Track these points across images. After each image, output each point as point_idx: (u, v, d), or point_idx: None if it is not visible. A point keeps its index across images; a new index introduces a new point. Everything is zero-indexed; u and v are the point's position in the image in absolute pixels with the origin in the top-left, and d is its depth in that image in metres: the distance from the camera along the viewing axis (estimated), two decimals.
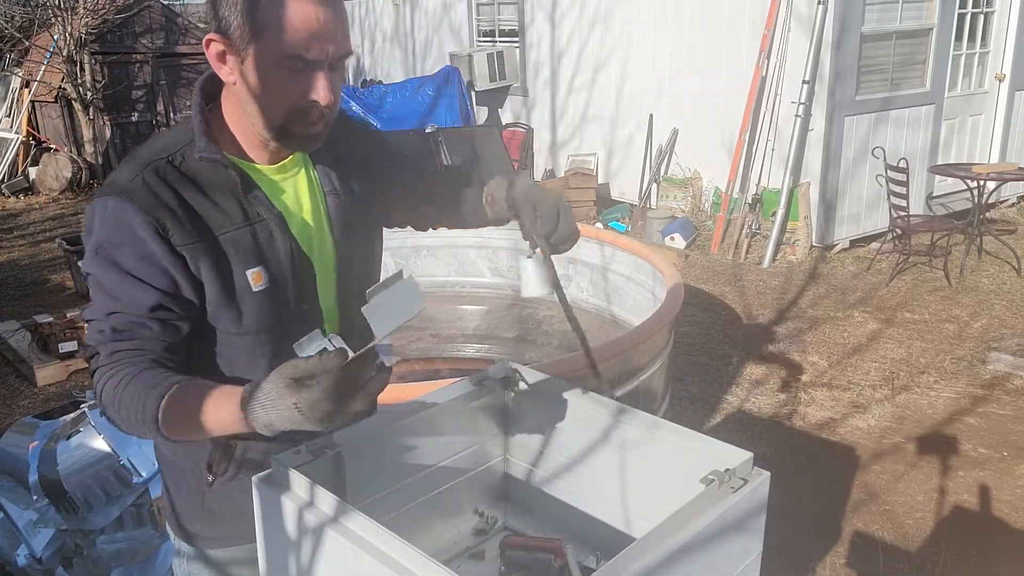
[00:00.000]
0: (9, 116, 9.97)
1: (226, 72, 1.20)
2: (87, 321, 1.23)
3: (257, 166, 1.29)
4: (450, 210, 1.47)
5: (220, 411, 1.08)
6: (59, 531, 2.59)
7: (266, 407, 1.00)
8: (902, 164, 5.69)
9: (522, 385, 1.45)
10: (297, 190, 1.33)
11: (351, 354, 1.02)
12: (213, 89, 1.28)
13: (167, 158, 1.23)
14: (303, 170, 1.34)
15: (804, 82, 6.13)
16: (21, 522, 2.61)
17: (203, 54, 1.22)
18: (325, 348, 1.05)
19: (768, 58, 6.42)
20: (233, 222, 1.23)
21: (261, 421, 1.01)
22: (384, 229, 1.52)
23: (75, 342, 4.66)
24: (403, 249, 4.38)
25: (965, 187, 6.12)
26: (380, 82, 10.26)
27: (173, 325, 1.21)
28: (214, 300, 1.23)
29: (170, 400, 1.11)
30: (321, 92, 1.17)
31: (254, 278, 1.24)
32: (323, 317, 1.34)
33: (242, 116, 1.24)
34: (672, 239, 6.73)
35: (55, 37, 9.49)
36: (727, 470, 1.11)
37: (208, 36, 1.18)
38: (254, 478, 1.15)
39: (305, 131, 1.22)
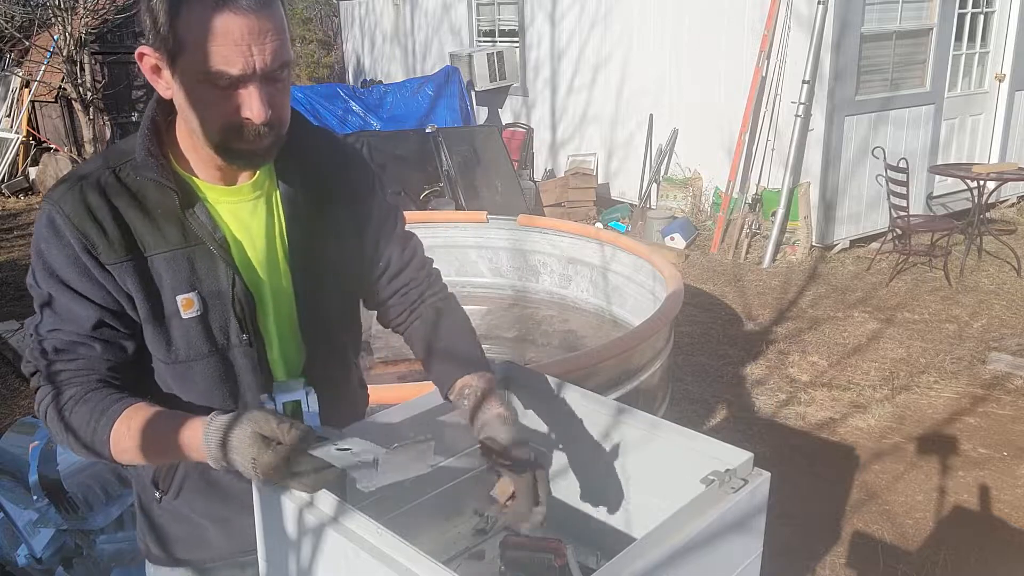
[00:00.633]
0: (9, 116, 9.97)
1: (163, 87, 1.14)
2: (29, 335, 1.19)
3: (205, 186, 1.22)
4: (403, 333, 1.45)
5: (173, 441, 1.09)
6: (59, 531, 2.59)
7: (227, 448, 1.03)
8: (902, 164, 5.69)
9: (522, 385, 1.45)
10: (251, 214, 1.24)
11: (316, 432, 1.06)
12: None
13: (114, 168, 1.17)
14: (263, 194, 1.26)
15: (804, 82, 6.13)
16: (21, 522, 2.61)
17: None
18: (299, 401, 1.10)
19: (768, 58, 6.42)
20: (169, 243, 1.17)
21: (215, 458, 1.05)
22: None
23: None
24: None
25: (965, 187, 6.11)
26: (380, 82, 10.26)
27: (117, 344, 1.17)
28: (143, 324, 1.19)
29: (121, 424, 1.11)
30: (254, 109, 1.09)
31: (184, 304, 1.18)
32: (266, 347, 1.27)
33: (193, 136, 1.17)
34: (672, 239, 6.73)
35: (55, 37, 9.49)
36: (727, 470, 1.11)
37: (140, 49, 1.12)
38: None
39: (248, 148, 1.13)
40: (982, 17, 7.07)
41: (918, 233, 5.94)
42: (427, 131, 7.13)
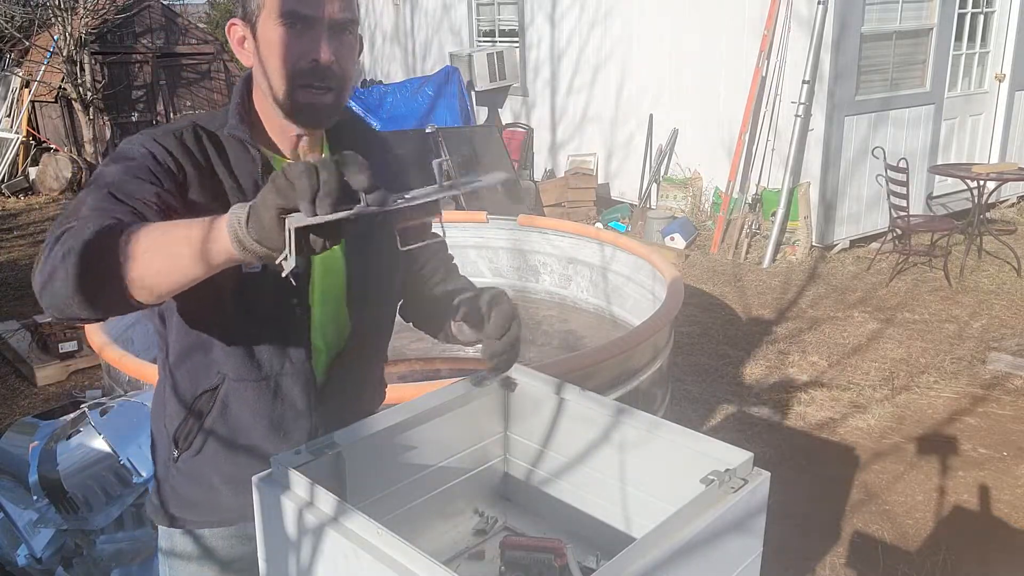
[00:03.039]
0: (9, 116, 9.97)
1: (246, 56, 1.27)
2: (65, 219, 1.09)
3: (281, 159, 1.31)
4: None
5: (199, 225, 0.97)
6: (59, 531, 2.59)
7: (278, 184, 0.89)
8: (902, 164, 5.69)
9: (522, 385, 1.45)
10: None
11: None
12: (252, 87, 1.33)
13: (204, 128, 1.28)
14: None
15: (804, 82, 6.13)
16: (21, 522, 2.61)
17: (203, 54, 1.24)
18: None
19: (768, 58, 6.42)
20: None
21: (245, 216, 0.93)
22: None
23: (75, 342, 4.66)
24: None
25: (965, 187, 6.12)
26: (380, 82, 10.26)
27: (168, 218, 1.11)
28: None
29: (141, 229, 1.00)
30: (322, 52, 1.19)
31: None
32: (311, 321, 1.33)
33: (267, 108, 1.28)
34: (672, 239, 6.73)
35: (55, 37, 9.49)
36: (727, 470, 1.10)
37: (231, 21, 1.27)
38: (254, 478, 1.15)
39: (311, 101, 1.22)
40: (982, 17, 7.07)
41: (918, 233, 5.94)
42: (427, 131, 7.13)
